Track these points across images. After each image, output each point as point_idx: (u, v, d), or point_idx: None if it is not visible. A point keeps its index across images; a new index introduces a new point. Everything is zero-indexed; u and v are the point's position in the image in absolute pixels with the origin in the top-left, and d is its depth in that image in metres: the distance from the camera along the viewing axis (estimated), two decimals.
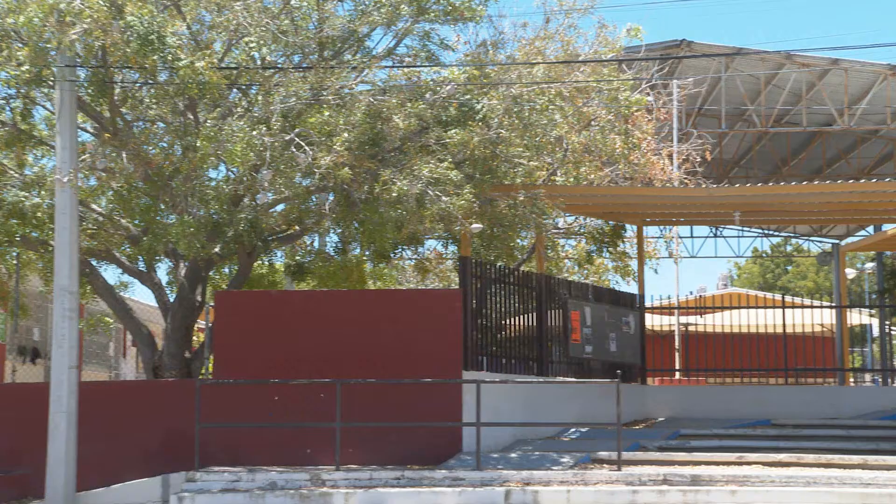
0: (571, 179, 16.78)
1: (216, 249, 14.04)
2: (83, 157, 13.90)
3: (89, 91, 13.57)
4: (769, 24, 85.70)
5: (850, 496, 11.54)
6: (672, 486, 11.85)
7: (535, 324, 15.82)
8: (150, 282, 15.42)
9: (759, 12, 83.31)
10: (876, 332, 31.64)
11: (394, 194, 12.60)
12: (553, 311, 16.10)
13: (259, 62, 13.33)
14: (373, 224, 13.30)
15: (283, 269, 17.95)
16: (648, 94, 19.22)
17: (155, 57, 12.16)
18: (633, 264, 19.37)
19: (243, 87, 13.76)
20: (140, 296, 28.53)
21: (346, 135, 12.49)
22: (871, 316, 31.24)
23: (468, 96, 13.64)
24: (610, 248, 18.75)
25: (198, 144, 12.71)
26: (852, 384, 22.38)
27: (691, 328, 24.57)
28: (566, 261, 21.04)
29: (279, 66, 13.48)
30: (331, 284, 16.52)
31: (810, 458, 13.06)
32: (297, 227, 15.00)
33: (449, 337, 13.66)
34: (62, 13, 12.05)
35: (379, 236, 13.53)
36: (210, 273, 15.82)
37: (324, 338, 13.73)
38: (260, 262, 16.96)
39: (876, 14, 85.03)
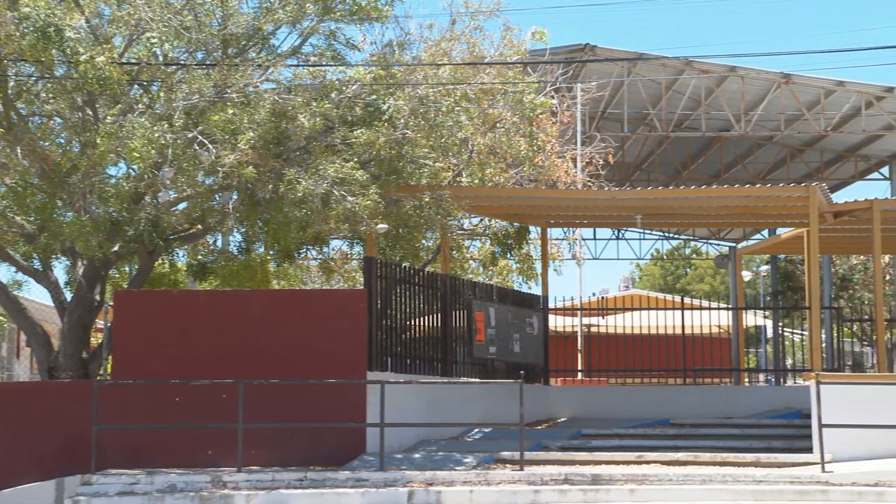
0: (477, 181, 16.86)
1: (115, 248, 13.74)
2: None
3: None
4: (670, 30, 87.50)
5: (743, 493, 11.85)
6: (573, 486, 12.01)
7: (439, 324, 15.87)
8: (46, 281, 15.02)
9: (660, 18, 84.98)
10: (770, 333, 32.54)
11: (299, 194, 12.50)
12: (458, 312, 16.16)
13: (161, 58, 13.10)
14: (277, 223, 13.18)
15: (185, 269, 17.66)
16: (553, 97, 19.44)
17: (53, 51, 11.84)
18: (537, 266, 19.56)
19: (145, 83, 13.50)
20: (36, 295, 27.69)
21: (250, 133, 12.34)
22: (765, 317, 32.13)
23: (374, 96, 13.61)
24: (514, 250, 18.90)
25: (97, 141, 12.42)
26: (747, 384, 22.95)
27: (594, 329, 24.91)
28: (471, 262, 21.13)
29: (182, 62, 13.26)
30: (234, 284, 16.32)
31: (706, 456, 13.36)
32: (199, 226, 14.77)
33: (354, 337, 13.61)
34: None
35: (283, 236, 13.40)
36: (110, 272, 15.48)
37: (227, 338, 13.55)
38: (161, 261, 16.66)
39: (771, 23, 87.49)
